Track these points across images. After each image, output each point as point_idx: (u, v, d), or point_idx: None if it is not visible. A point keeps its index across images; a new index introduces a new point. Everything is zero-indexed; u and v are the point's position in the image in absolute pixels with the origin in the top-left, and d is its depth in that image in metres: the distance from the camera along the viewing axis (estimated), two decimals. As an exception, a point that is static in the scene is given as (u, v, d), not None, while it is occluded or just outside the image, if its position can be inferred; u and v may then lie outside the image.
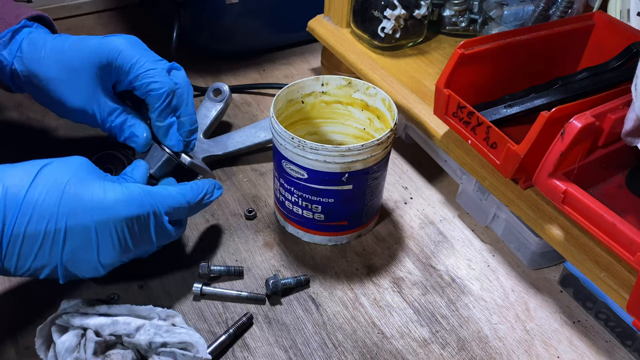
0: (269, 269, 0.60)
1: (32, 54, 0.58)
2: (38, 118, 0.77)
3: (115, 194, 0.49)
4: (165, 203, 0.52)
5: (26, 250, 0.46)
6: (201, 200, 0.55)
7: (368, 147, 0.55)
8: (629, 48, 0.61)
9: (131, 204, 0.49)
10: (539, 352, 0.54)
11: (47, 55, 0.58)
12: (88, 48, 0.58)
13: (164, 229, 0.52)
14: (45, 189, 0.47)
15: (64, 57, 0.58)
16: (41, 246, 0.46)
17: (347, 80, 0.63)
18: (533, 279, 0.61)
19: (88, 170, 0.50)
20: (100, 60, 0.57)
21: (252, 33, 0.90)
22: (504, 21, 0.71)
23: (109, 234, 0.48)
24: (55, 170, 0.48)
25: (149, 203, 0.50)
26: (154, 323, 0.50)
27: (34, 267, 0.47)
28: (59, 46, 0.58)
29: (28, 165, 0.48)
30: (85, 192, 0.48)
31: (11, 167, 0.47)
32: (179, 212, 0.53)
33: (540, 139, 0.50)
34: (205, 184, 0.56)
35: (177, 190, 0.53)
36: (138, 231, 0.50)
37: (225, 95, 0.75)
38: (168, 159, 0.61)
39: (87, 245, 0.48)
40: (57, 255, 0.47)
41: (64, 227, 0.47)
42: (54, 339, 0.49)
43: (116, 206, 0.48)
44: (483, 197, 0.64)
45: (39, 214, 0.46)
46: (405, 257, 0.62)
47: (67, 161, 0.50)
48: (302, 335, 0.54)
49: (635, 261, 0.45)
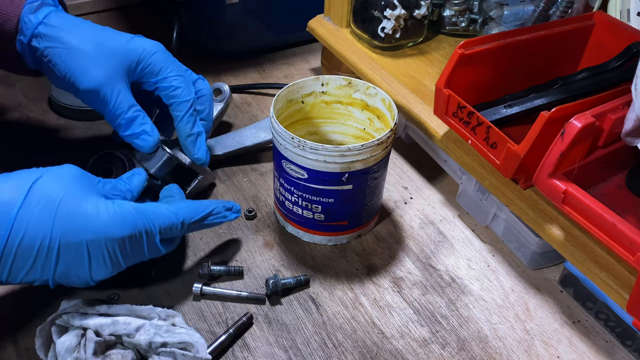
0: (269, 269, 0.60)
1: (59, 23, 0.57)
2: (38, 118, 0.77)
3: (108, 214, 0.48)
4: (158, 222, 0.51)
5: (18, 265, 0.46)
6: (201, 219, 0.54)
7: (368, 147, 0.55)
8: (629, 48, 0.61)
9: (124, 225, 0.49)
10: (539, 352, 0.54)
11: (77, 26, 0.58)
12: (121, 37, 0.58)
13: (155, 247, 0.52)
14: (39, 206, 0.46)
15: (95, 33, 0.58)
16: (34, 263, 0.46)
17: (347, 80, 0.63)
18: (533, 279, 0.61)
19: (81, 183, 0.49)
20: (130, 54, 0.58)
21: (252, 33, 0.90)
22: (504, 21, 0.71)
23: (100, 253, 0.48)
24: (48, 185, 0.47)
25: (142, 223, 0.50)
26: (154, 323, 0.50)
27: (25, 280, 0.47)
28: (89, 25, 0.58)
29: (19, 178, 0.47)
30: (79, 210, 0.47)
31: (3, 181, 0.47)
32: (171, 231, 0.52)
33: (540, 139, 0.50)
34: (212, 204, 0.55)
35: (170, 209, 0.52)
36: (130, 249, 0.50)
37: (226, 95, 0.75)
38: (169, 159, 0.61)
39: (79, 263, 0.48)
40: (49, 271, 0.47)
41: (57, 245, 0.46)
42: (54, 339, 0.49)
43: (109, 226, 0.48)
44: (483, 197, 0.64)
45: (33, 231, 0.46)
46: (405, 257, 0.62)
47: (59, 173, 0.49)
48: (302, 335, 0.54)
49: (635, 261, 0.45)
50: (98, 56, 0.57)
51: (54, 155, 0.54)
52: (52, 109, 0.79)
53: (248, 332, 0.54)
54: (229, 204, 0.57)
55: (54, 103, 0.78)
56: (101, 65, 0.57)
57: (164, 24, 0.92)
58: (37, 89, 0.82)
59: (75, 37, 0.57)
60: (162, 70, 0.59)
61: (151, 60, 0.58)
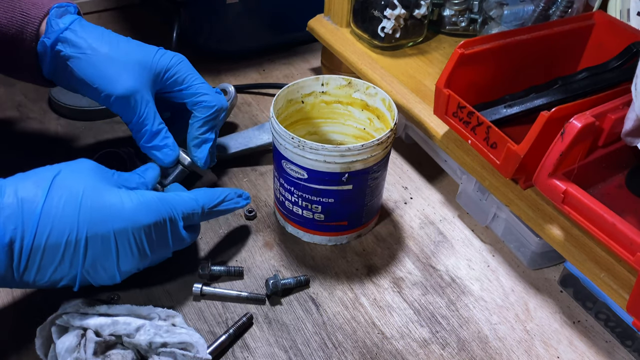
0: (269, 269, 0.60)
1: (86, 30, 0.58)
2: (38, 118, 0.77)
3: (132, 202, 0.49)
4: (180, 209, 0.52)
5: (47, 262, 0.46)
6: (217, 205, 0.56)
7: (368, 147, 0.55)
8: (629, 48, 0.61)
9: (149, 212, 0.50)
10: (539, 352, 0.54)
11: (103, 34, 0.59)
12: (148, 49, 0.60)
13: (179, 234, 0.53)
14: (62, 200, 0.47)
15: (122, 42, 0.59)
16: (62, 257, 0.47)
17: (347, 80, 0.63)
18: (533, 279, 0.61)
19: (99, 176, 0.50)
20: (157, 65, 0.59)
21: (252, 33, 0.90)
22: (504, 21, 0.71)
23: (127, 242, 0.49)
24: (67, 179, 0.48)
25: (165, 209, 0.51)
26: (154, 323, 0.50)
27: (53, 278, 0.48)
28: (114, 34, 0.60)
29: (38, 175, 0.48)
30: (103, 201, 0.48)
31: (22, 179, 0.47)
32: (193, 218, 0.54)
33: (540, 139, 0.50)
34: (225, 191, 0.57)
35: (190, 196, 0.54)
36: (155, 237, 0.51)
37: (231, 95, 0.75)
38: (182, 170, 0.62)
39: (107, 254, 0.48)
40: (78, 266, 0.48)
41: (84, 238, 0.47)
42: (54, 339, 0.49)
43: (135, 214, 0.49)
44: (483, 197, 0.64)
45: (60, 226, 0.46)
46: (405, 257, 0.62)
47: (76, 167, 0.50)
48: (302, 335, 0.54)
49: (635, 261, 0.45)
50: (128, 64, 0.58)
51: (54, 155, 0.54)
52: (52, 109, 0.79)
53: (248, 332, 0.54)
54: (239, 191, 0.58)
55: (54, 103, 0.78)
56: (132, 73, 0.58)
57: (164, 24, 0.92)
58: (37, 89, 0.82)
59: (105, 44, 0.58)
60: (187, 79, 0.61)
61: (176, 70, 0.60)
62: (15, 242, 0.45)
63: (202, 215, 0.55)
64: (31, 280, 0.47)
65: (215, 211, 0.56)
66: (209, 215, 0.56)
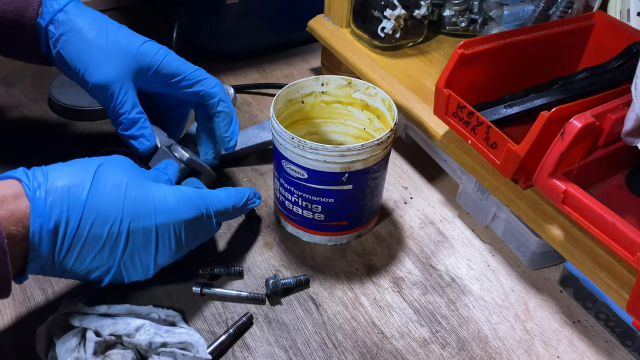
0: (269, 269, 0.60)
1: (78, 13, 0.58)
2: (38, 118, 0.77)
3: (175, 197, 0.50)
4: (215, 205, 0.53)
5: (87, 251, 0.46)
6: (244, 204, 0.57)
7: (368, 147, 0.55)
8: (629, 48, 0.61)
9: (190, 206, 0.51)
10: (539, 352, 0.54)
11: (95, 19, 0.59)
12: (136, 38, 0.59)
13: (212, 230, 0.55)
14: (107, 189, 0.47)
15: (111, 29, 0.59)
16: (102, 247, 0.47)
17: (347, 80, 0.63)
18: (533, 279, 0.61)
19: (138, 171, 0.51)
20: (142, 57, 0.59)
21: (252, 33, 0.90)
22: (504, 21, 0.71)
23: (167, 235, 0.49)
24: (110, 170, 0.48)
25: (203, 205, 0.52)
26: (154, 323, 0.50)
27: (90, 267, 0.47)
28: (106, 20, 0.60)
29: (81, 164, 0.48)
30: (147, 194, 0.49)
31: (67, 167, 0.47)
32: (224, 215, 0.55)
33: (540, 139, 0.50)
34: (247, 191, 0.58)
35: (222, 194, 0.55)
36: (193, 232, 0.51)
37: (231, 97, 0.75)
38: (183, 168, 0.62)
39: (146, 246, 0.49)
40: (116, 256, 0.48)
41: (126, 229, 0.47)
42: (54, 339, 0.49)
43: (178, 208, 0.50)
44: (483, 197, 0.64)
45: (103, 216, 0.46)
46: (405, 257, 0.62)
47: (116, 161, 0.50)
48: (302, 335, 0.54)
49: (635, 261, 0.45)
50: (112, 52, 0.58)
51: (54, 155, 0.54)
52: (52, 109, 0.79)
53: (248, 332, 0.54)
54: (254, 190, 0.59)
55: (54, 103, 0.78)
56: (114, 61, 0.57)
57: (164, 24, 0.92)
58: (37, 89, 0.82)
59: (92, 29, 0.58)
60: (179, 69, 0.60)
61: (165, 63, 0.60)
62: (59, 227, 0.45)
63: (231, 213, 0.56)
64: (69, 266, 0.46)
65: (239, 209, 0.57)
66: (234, 214, 0.57)
